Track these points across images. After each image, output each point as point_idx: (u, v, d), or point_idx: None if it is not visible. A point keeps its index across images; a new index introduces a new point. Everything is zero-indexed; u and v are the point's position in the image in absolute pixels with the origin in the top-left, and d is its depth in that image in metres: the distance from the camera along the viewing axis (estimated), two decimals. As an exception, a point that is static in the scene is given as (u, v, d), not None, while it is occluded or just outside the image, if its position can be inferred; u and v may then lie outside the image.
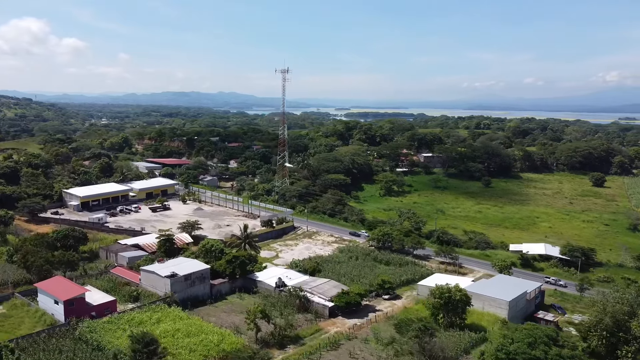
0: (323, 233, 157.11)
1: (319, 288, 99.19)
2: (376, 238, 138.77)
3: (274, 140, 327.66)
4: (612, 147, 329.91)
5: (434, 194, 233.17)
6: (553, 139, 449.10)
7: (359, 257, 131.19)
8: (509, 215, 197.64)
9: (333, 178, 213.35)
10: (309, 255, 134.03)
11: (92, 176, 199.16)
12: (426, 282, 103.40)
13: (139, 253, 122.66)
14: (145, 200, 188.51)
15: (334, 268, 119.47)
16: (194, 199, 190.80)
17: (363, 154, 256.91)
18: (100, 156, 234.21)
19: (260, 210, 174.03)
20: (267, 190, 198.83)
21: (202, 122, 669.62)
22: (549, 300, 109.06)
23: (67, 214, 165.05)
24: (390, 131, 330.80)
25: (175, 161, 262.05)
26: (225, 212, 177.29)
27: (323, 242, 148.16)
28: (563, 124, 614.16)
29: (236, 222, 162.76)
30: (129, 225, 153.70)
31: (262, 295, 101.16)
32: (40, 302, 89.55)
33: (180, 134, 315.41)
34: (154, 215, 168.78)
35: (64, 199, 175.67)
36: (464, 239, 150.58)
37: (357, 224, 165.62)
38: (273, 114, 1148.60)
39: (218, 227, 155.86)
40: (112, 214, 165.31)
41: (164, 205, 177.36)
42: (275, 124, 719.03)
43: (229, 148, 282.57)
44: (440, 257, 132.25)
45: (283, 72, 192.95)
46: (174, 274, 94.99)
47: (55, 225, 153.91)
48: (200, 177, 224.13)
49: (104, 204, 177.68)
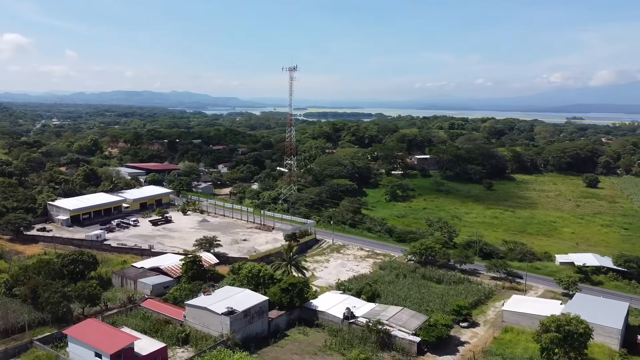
0: (351, 246, 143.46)
1: (396, 319, 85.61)
2: (418, 252, 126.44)
3: (258, 143, 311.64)
4: (596, 148, 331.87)
5: (439, 199, 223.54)
6: (528, 138, 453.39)
7: (406, 274, 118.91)
8: (526, 221, 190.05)
9: (339, 183, 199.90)
10: (348, 273, 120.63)
11: (76, 185, 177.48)
12: (512, 308, 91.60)
13: (162, 279, 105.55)
14: (140, 211, 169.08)
15: (388, 290, 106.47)
16: (194, 209, 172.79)
17: (362, 157, 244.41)
18: (79, 162, 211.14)
19: (274, 221, 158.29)
20: (273, 198, 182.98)
21: (163, 123, 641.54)
22: (632, 320, 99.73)
23: (56, 230, 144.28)
24: (378, 132, 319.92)
25: (161, 166, 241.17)
26: (234, 224, 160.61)
27: (355, 257, 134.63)
28: (529, 124, 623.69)
29: (252, 236, 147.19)
30: (133, 242, 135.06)
31: (328, 328, 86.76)
32: (72, 354, 71.80)
33: (159, 137, 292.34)
34: (156, 230, 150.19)
35: (49, 213, 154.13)
36: (503, 249, 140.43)
37: (383, 234, 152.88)
38: (231, 114, 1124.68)
39: (235, 243, 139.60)
40: (109, 229, 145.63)
41: (165, 217, 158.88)
42: (239, 124, 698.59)
43: (215, 151, 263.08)
44: (492, 272, 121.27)
45: (290, 71, 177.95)
46: (232, 310, 79.08)
47: (46, 244, 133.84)
48: (194, 184, 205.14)
49: (96, 218, 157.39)
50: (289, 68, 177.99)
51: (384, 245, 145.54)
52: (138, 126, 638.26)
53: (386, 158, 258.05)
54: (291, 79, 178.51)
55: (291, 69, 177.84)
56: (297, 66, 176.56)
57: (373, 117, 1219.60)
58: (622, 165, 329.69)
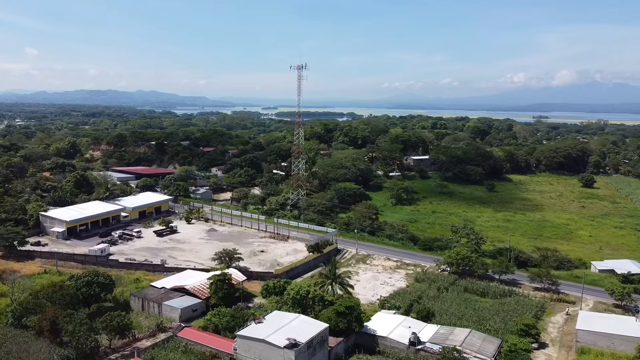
0: (376, 256, 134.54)
1: (469, 344, 77.27)
2: (454, 262, 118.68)
3: (248, 144, 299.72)
4: (585, 147, 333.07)
5: (444, 201, 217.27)
6: (511, 138, 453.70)
7: (448, 288, 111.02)
8: (539, 224, 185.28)
9: (346, 187, 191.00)
10: (384, 287, 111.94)
11: (66, 193, 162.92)
12: (587, 326, 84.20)
13: (189, 300, 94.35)
14: (139, 221, 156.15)
15: (437, 306, 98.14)
16: (198, 217, 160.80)
17: (363, 159, 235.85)
18: (64, 166, 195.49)
19: (289, 230, 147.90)
20: (280, 203, 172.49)
21: (135, 123, 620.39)
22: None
23: (52, 244, 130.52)
24: (370, 133, 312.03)
25: (152, 170, 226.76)
26: (245, 233, 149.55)
27: (385, 269, 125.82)
28: (505, 124, 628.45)
29: (268, 246, 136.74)
30: (142, 256, 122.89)
31: (393, 356, 77.69)
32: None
33: (145, 138, 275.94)
34: (162, 241, 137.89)
35: (41, 225, 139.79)
36: (535, 256, 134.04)
37: (407, 242, 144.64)
38: (202, 114, 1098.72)
39: (253, 255, 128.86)
40: (111, 242, 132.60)
41: (170, 227, 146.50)
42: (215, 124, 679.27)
43: (207, 154, 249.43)
44: (535, 283, 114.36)
45: (299, 69, 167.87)
46: (294, 343, 69.10)
47: (44, 261, 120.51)
48: (191, 190, 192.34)
49: (94, 229, 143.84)
50: (297, 66, 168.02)
51: (410, 254, 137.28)
52: (109, 127, 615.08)
53: (384, 159, 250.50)
54: (299, 77, 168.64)
55: (299, 67, 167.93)
56: (307, 64, 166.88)
57: (345, 116, 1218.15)
58: (610, 165, 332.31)
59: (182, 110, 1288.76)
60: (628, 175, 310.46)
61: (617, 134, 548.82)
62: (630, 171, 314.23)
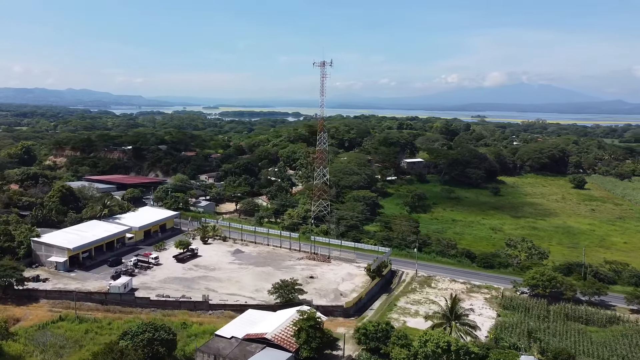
0: (439, 277, 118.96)
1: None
2: (539, 284, 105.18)
3: (228, 147, 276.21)
4: (564, 148, 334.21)
5: (456, 208, 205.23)
6: (476, 139, 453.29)
7: (547, 316, 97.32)
8: (566, 231, 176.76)
9: (365, 196, 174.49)
10: (479, 318, 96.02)
11: (51, 211, 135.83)
12: None
13: (278, 356, 74.62)
14: (145, 241, 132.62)
15: (554, 342, 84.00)
16: (214, 236, 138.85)
17: (366, 164, 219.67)
18: (37, 178, 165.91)
19: (330, 249, 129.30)
20: (302, 217, 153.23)
21: (77, 124, 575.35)
22: None
23: (54, 278, 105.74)
24: (356, 135, 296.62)
25: (137, 179, 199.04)
26: (277, 254, 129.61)
27: (456, 293, 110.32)
28: (464, 123, 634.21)
29: (314, 270, 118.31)
30: (175, 290, 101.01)
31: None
32: None
33: (116, 142, 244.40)
34: (188, 268, 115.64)
35: (34, 254, 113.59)
36: (604, 270, 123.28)
37: (463, 259, 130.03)
38: (142, 113, 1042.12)
39: (305, 283, 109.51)
40: (127, 273, 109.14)
41: (191, 250, 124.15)
42: (163, 125, 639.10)
43: (194, 160, 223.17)
44: (634, 305, 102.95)
45: (322, 66, 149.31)
46: None
47: (53, 303, 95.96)
48: (192, 202, 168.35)
49: (98, 255, 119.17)
50: (320, 63, 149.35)
51: (473, 273, 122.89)
52: (48, 127, 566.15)
53: (382, 163, 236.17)
54: (323, 75, 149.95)
55: (322, 64, 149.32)
56: (332, 61, 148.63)
57: (290, 115, 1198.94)
58: (586, 165, 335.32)
59: (118, 110, 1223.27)
60: (606, 174, 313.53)
61: (564, 134, 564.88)
62: (608, 171, 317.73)
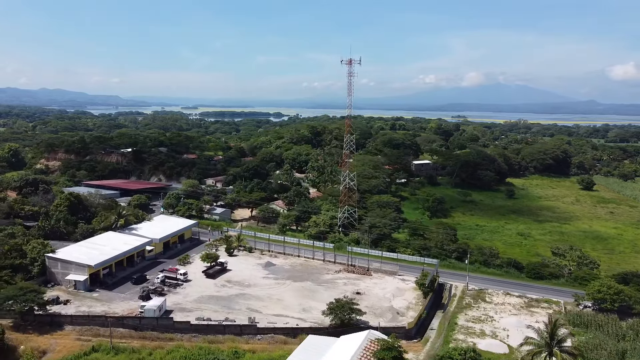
0: (491, 290, 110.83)
1: None
2: (607, 298, 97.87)
3: (230, 150, 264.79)
4: (565, 149, 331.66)
5: (475, 212, 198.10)
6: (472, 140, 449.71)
7: (624, 334, 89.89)
8: (595, 236, 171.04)
9: (385, 201, 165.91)
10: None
11: (59, 222, 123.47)
12: None
13: (360, 392, 65.17)
14: (164, 254, 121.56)
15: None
16: (239, 247, 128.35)
17: (381, 166, 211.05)
18: (37, 184, 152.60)
19: (370, 261, 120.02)
20: (329, 225, 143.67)
21: (57, 125, 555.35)
22: None
23: (75, 300, 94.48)
24: (359, 136, 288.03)
25: (142, 184, 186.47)
26: (312, 267, 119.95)
27: (516, 308, 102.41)
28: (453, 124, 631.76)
29: (357, 285, 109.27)
30: (214, 311, 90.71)
31: None
32: None
33: (113, 144, 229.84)
34: (221, 285, 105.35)
35: (48, 271, 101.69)
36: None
37: (510, 270, 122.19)
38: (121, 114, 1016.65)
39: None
40: (157, 292, 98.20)
41: (219, 263, 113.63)
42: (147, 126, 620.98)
43: (198, 163, 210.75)
44: None
45: (348, 64, 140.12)
46: None
47: (80, 330, 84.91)
48: (207, 209, 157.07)
49: (119, 271, 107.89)
50: (347, 61, 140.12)
51: (525, 285, 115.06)
52: (28, 128, 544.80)
53: (393, 165, 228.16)
54: (350, 74, 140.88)
55: (349, 62, 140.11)
56: (360, 59, 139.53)
57: (271, 116, 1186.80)
58: (587, 165, 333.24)
59: (95, 110, 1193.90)
60: (608, 175, 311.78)
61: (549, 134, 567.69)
62: (609, 171, 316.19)
